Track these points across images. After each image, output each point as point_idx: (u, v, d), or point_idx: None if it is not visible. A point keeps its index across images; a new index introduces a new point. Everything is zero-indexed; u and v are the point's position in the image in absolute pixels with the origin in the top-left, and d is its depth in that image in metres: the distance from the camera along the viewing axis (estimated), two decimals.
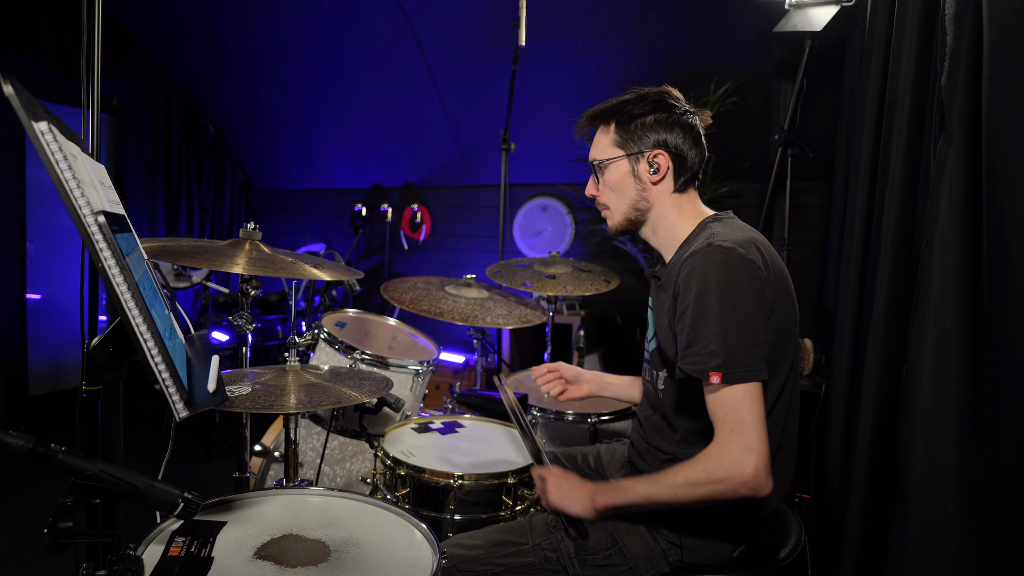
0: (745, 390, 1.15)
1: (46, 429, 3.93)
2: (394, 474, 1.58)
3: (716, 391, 1.17)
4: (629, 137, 1.36)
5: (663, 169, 1.34)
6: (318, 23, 4.29)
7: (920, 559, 1.38)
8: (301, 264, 1.61)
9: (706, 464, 1.18)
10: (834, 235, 2.33)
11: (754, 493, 1.14)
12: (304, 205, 5.80)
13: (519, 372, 2.63)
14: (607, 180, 1.40)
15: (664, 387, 1.38)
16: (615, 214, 1.42)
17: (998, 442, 1.23)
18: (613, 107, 1.39)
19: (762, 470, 1.13)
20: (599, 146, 1.40)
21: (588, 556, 1.28)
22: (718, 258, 1.19)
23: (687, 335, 1.19)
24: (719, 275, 1.17)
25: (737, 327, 1.15)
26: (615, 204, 1.41)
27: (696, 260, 1.21)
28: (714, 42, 3.49)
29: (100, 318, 1.63)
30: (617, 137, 1.37)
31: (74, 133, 0.88)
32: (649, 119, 1.35)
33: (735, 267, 1.18)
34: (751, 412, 1.14)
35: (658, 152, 1.34)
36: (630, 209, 1.39)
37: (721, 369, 1.14)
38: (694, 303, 1.19)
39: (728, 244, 1.21)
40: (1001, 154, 1.19)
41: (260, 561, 1.07)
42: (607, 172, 1.39)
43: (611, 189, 1.40)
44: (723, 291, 1.17)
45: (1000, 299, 1.21)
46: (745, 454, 1.13)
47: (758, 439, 1.13)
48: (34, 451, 0.74)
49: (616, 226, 1.43)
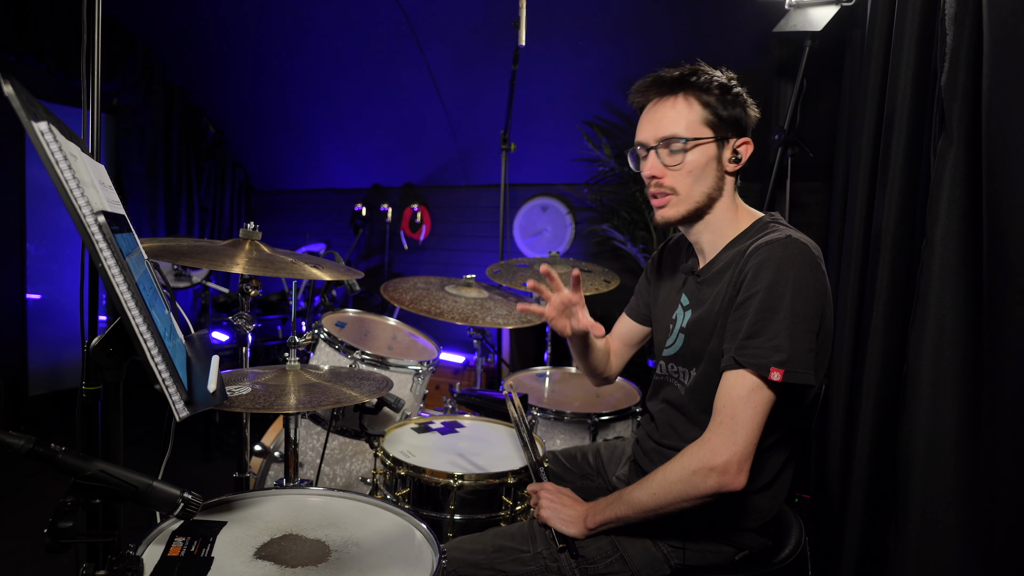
0: (760, 392, 1.12)
1: (46, 429, 3.93)
2: (394, 474, 1.58)
3: (736, 383, 1.13)
4: (724, 117, 1.24)
5: (744, 159, 1.28)
6: (318, 23, 4.29)
7: (920, 559, 1.38)
8: (301, 264, 1.61)
9: (682, 457, 1.18)
10: (834, 235, 2.33)
11: (720, 487, 1.12)
12: (304, 205, 5.80)
13: (519, 372, 2.63)
14: (688, 162, 1.24)
15: (693, 385, 1.32)
16: (684, 201, 1.28)
17: (998, 442, 1.23)
18: (709, 78, 1.24)
19: (734, 464, 1.11)
20: (682, 121, 1.24)
21: (589, 565, 1.28)
22: (796, 252, 1.14)
23: (751, 325, 1.13)
24: (796, 270, 1.13)
25: (804, 326, 1.12)
26: (688, 190, 1.26)
27: (774, 250, 1.15)
28: (714, 42, 3.49)
29: (100, 318, 1.63)
30: (710, 115, 1.24)
31: (74, 133, 0.88)
32: (742, 102, 1.26)
33: (811, 266, 1.15)
34: (749, 412, 1.13)
35: (744, 140, 1.27)
36: (704, 198, 1.27)
37: (783, 366, 1.10)
38: (765, 293, 1.13)
39: (805, 241, 1.17)
40: (1001, 154, 1.19)
41: (260, 561, 1.07)
42: (690, 153, 1.24)
43: (688, 173, 1.25)
44: (797, 286, 1.12)
45: (1000, 299, 1.21)
46: (723, 446, 1.12)
47: (743, 438, 1.12)
48: (34, 451, 0.74)
49: (679, 214, 1.29)
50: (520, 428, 1.56)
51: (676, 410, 1.37)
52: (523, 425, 1.57)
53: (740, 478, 1.12)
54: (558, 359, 2.79)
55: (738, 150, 1.27)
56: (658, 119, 1.27)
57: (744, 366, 1.13)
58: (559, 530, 1.30)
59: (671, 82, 1.26)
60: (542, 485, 1.40)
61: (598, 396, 2.45)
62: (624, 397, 2.39)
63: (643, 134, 1.30)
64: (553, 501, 1.34)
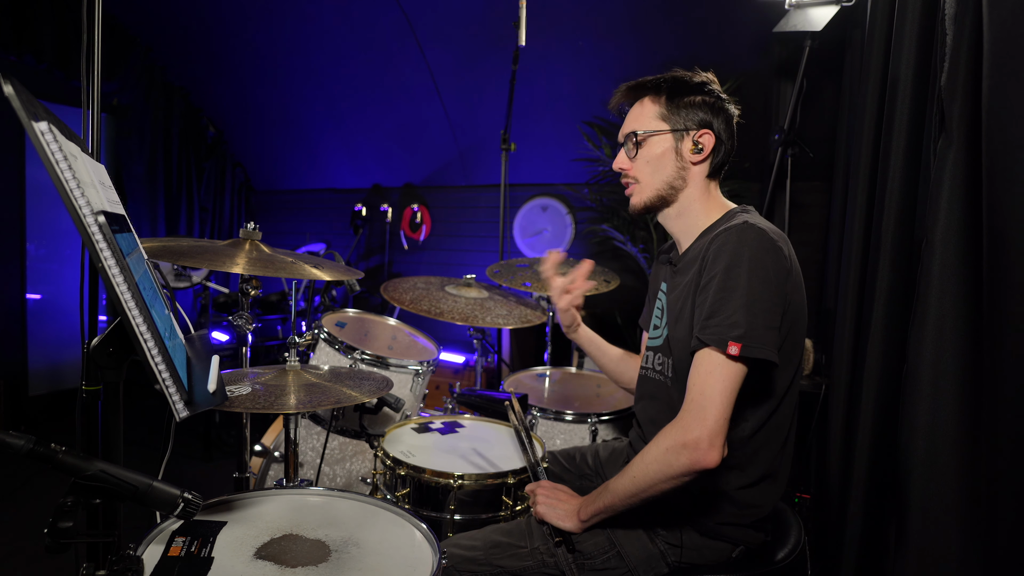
0: (726, 367, 1.14)
1: (46, 429, 3.93)
2: (394, 474, 1.58)
3: (703, 361, 1.16)
4: (678, 112, 1.35)
5: (707, 149, 1.34)
6: (318, 23, 4.29)
7: (920, 559, 1.38)
8: (301, 264, 1.61)
9: (658, 438, 1.19)
10: (834, 235, 2.33)
11: (693, 463, 1.13)
12: (304, 205, 5.80)
13: (519, 372, 2.63)
14: (646, 154, 1.37)
15: (673, 375, 1.36)
16: (646, 189, 1.38)
17: (998, 442, 1.23)
18: (663, 81, 1.37)
19: (704, 439, 1.12)
20: (641, 118, 1.38)
21: (586, 561, 1.28)
22: (752, 236, 1.20)
23: (710, 305, 1.18)
24: (751, 251, 1.18)
25: (761, 304, 1.16)
26: (648, 179, 1.38)
27: (731, 235, 1.22)
28: (714, 42, 3.49)
29: (100, 318, 1.63)
30: (664, 111, 1.36)
31: (74, 133, 0.88)
32: (698, 98, 1.34)
33: (768, 249, 1.19)
34: (716, 388, 1.14)
35: (705, 132, 1.34)
36: (664, 186, 1.37)
37: (741, 340, 1.13)
38: (722, 274, 1.18)
39: (763, 226, 1.22)
40: (1001, 154, 1.19)
41: (260, 561, 1.07)
42: (647, 145, 1.36)
43: (647, 163, 1.37)
44: (752, 267, 1.17)
45: (1000, 299, 1.21)
46: (694, 422, 1.13)
47: (712, 413, 1.13)
48: (34, 451, 0.74)
49: (644, 202, 1.39)
50: (519, 430, 1.56)
51: (664, 403, 1.39)
52: (522, 426, 1.57)
53: (712, 453, 1.12)
54: (558, 359, 2.79)
55: (699, 141, 1.34)
56: (626, 121, 1.43)
57: (707, 344, 1.17)
58: (555, 525, 1.31)
59: (635, 87, 1.42)
60: (539, 483, 1.42)
61: (598, 396, 2.45)
62: (624, 397, 2.39)
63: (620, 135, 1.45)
64: (549, 497, 1.35)
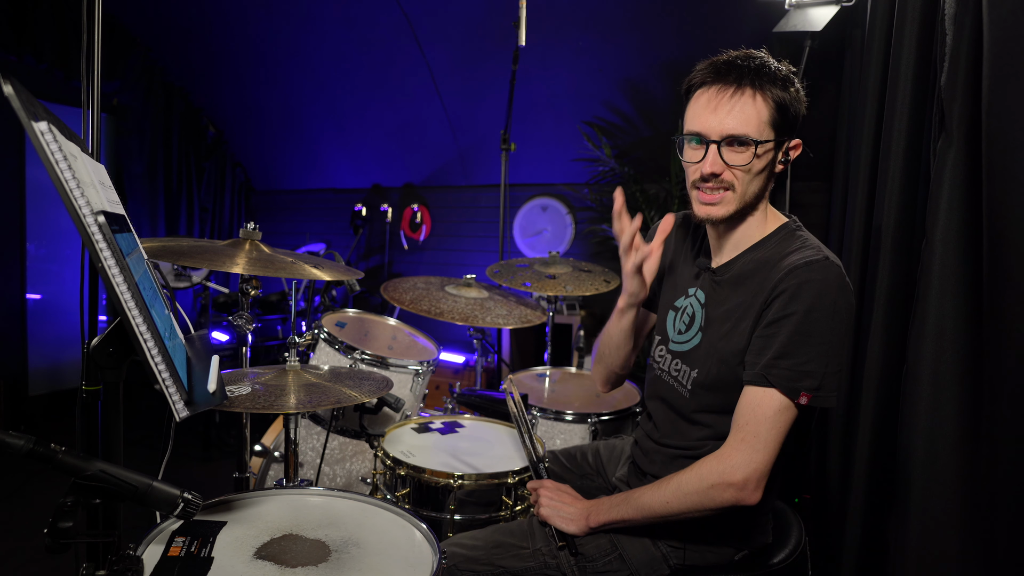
0: (787, 412, 1.13)
1: (46, 429, 3.93)
2: (394, 474, 1.58)
3: (762, 401, 1.14)
4: (789, 121, 1.20)
5: (791, 160, 1.25)
6: (318, 23, 4.29)
7: (920, 559, 1.38)
8: (301, 264, 1.61)
9: (700, 469, 1.18)
10: (834, 235, 2.33)
11: (736, 501, 1.14)
12: (304, 205, 5.80)
13: (519, 372, 2.63)
14: (752, 163, 1.18)
15: (692, 388, 1.30)
16: (736, 200, 1.22)
17: (998, 442, 1.23)
18: (783, 77, 1.19)
19: (752, 482, 1.13)
20: (755, 120, 1.17)
21: (588, 563, 1.28)
22: (833, 276, 1.14)
23: (782, 346, 1.13)
24: (833, 295, 1.13)
25: (835, 349, 1.13)
26: (743, 189, 1.21)
27: (813, 272, 1.14)
28: (714, 42, 3.47)
29: (100, 318, 1.63)
30: (778, 117, 1.18)
31: (74, 133, 0.88)
32: (803, 104, 1.21)
33: (845, 290, 1.15)
34: (772, 432, 1.13)
35: (798, 142, 1.23)
36: (754, 198, 1.24)
37: (812, 392, 1.12)
38: (802, 316, 1.12)
39: (837, 261, 1.17)
40: (1001, 154, 1.19)
41: (260, 561, 1.07)
42: (757, 155, 1.18)
43: (747, 172, 1.19)
44: (833, 312, 1.13)
45: (1000, 299, 1.21)
46: (744, 463, 1.13)
47: (763, 456, 1.13)
48: (34, 451, 0.74)
49: (728, 213, 1.23)
50: (520, 424, 1.55)
51: (676, 411, 1.36)
52: (523, 421, 1.56)
53: (756, 494, 1.14)
54: (558, 359, 2.79)
55: (789, 151, 1.24)
56: (724, 112, 1.18)
57: (773, 385, 1.13)
58: (559, 527, 1.30)
59: (741, 72, 1.17)
60: (542, 483, 1.40)
61: (598, 396, 2.45)
62: (624, 397, 2.39)
63: (703, 124, 1.20)
64: (553, 499, 1.34)
